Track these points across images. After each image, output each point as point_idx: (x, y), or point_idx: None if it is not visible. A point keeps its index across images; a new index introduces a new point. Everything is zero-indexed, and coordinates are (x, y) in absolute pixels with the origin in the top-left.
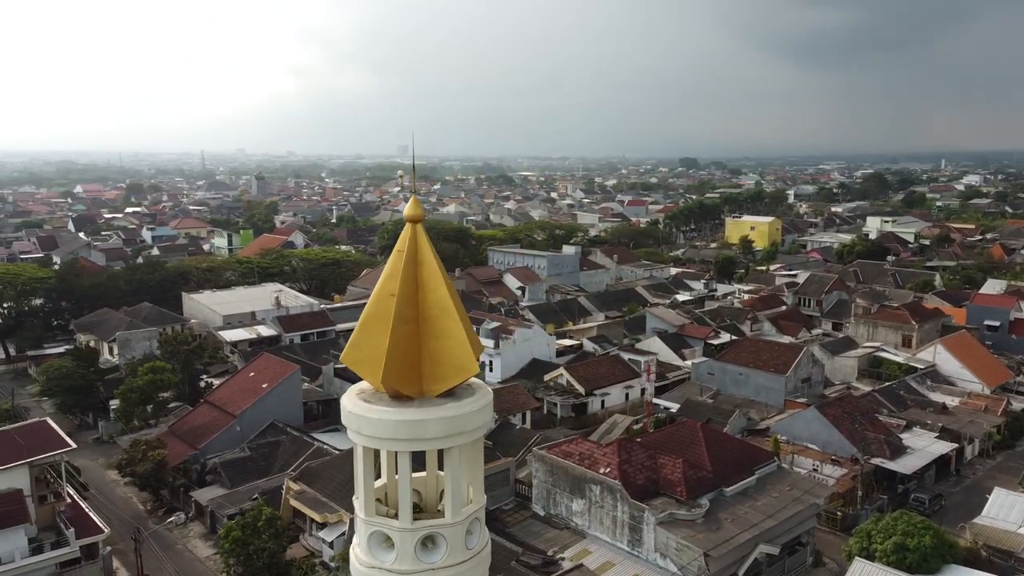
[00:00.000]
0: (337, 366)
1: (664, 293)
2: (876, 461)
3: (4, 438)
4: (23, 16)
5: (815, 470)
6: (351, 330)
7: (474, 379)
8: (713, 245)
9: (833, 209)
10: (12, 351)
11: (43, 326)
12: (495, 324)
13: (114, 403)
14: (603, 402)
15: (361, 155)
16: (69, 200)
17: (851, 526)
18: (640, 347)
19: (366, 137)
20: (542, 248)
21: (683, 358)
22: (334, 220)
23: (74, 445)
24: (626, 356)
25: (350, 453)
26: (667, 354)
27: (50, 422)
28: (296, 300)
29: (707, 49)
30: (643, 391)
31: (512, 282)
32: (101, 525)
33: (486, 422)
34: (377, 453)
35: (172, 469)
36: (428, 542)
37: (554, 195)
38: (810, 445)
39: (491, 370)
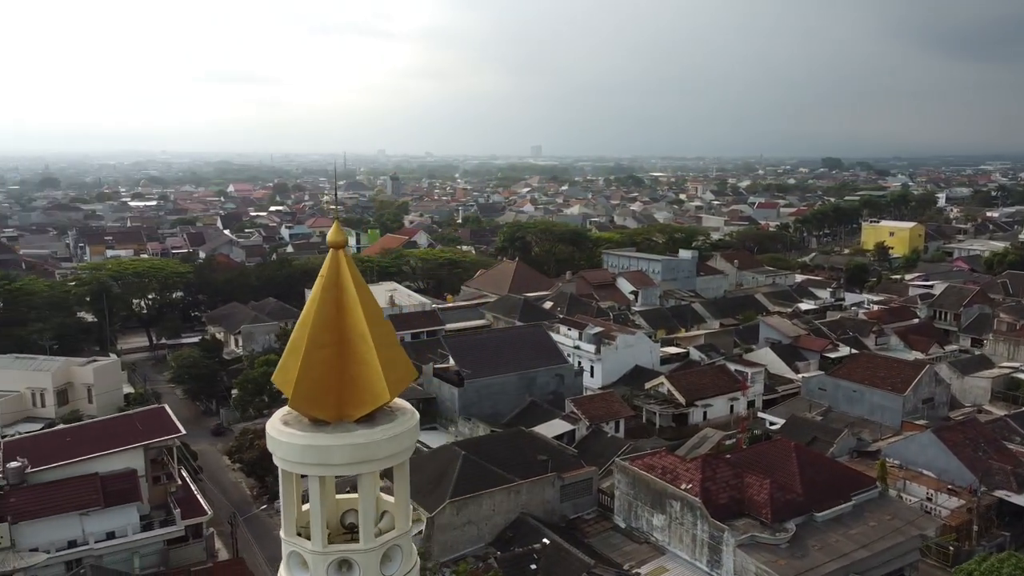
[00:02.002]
0: (436, 366)
1: (786, 301)
2: (999, 493)
3: (124, 422)
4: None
5: (928, 499)
6: (460, 331)
7: (405, 407)
8: (846, 251)
9: (988, 214)
10: (154, 339)
11: (181, 317)
12: (597, 329)
13: (235, 392)
14: (705, 414)
15: (496, 156)
16: (222, 199)
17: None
18: (750, 358)
19: (501, 138)
20: (661, 252)
21: (796, 371)
22: (459, 220)
23: (184, 431)
24: (733, 367)
25: (435, 453)
26: (779, 366)
27: (167, 408)
28: (409, 299)
29: (851, 43)
30: (751, 404)
31: (625, 286)
32: (206, 507)
33: (400, 450)
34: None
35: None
36: (344, 566)
37: (683, 197)
38: (925, 472)
39: (592, 375)
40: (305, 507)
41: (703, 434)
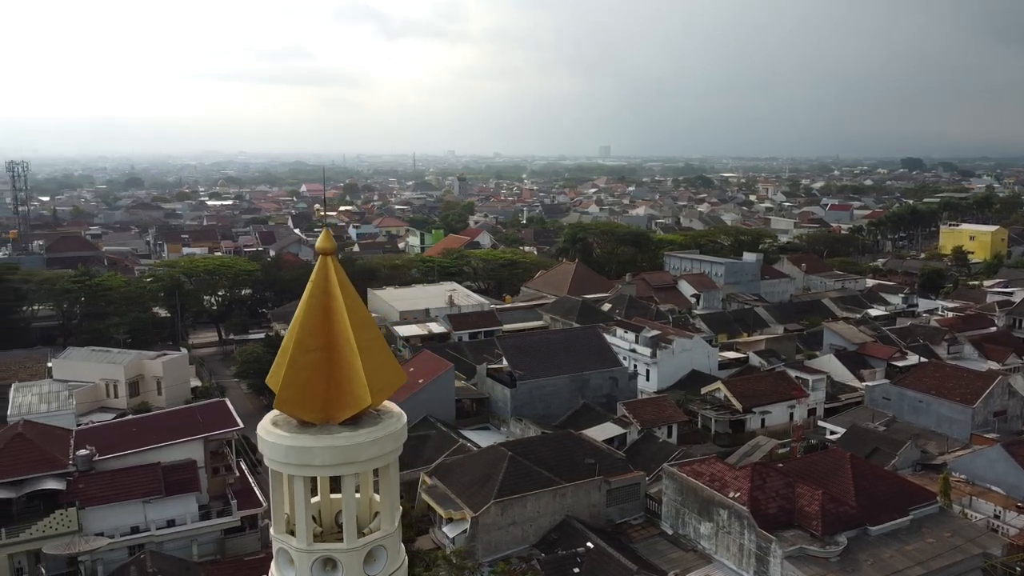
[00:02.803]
0: (490, 366)
1: (854, 307)
2: None
3: (186, 414)
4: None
5: (996, 516)
6: (518, 331)
7: (393, 411)
8: (922, 256)
9: None
10: (223, 335)
11: (249, 314)
12: (654, 332)
13: None
14: (763, 421)
15: (564, 156)
16: (294, 198)
17: None
18: (812, 364)
19: (569, 138)
20: (725, 255)
21: (860, 379)
22: (523, 221)
23: (242, 425)
24: (793, 373)
25: (483, 452)
26: (842, 374)
27: (227, 402)
28: (468, 299)
29: (931, 36)
30: (811, 412)
31: (687, 289)
32: (261, 499)
33: (383, 453)
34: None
35: None
36: (328, 564)
37: (752, 198)
38: (994, 488)
39: (647, 379)
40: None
41: (755, 442)
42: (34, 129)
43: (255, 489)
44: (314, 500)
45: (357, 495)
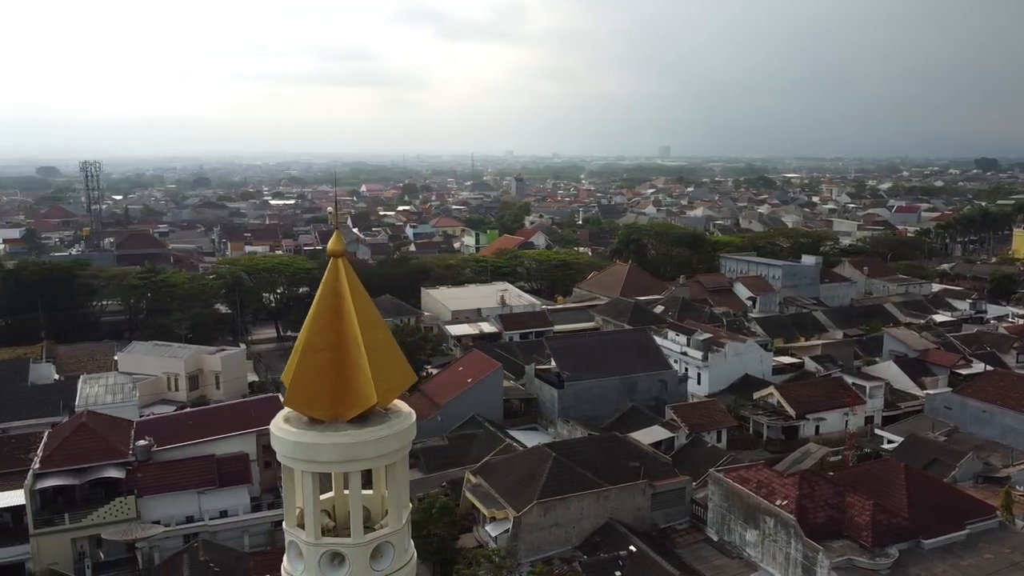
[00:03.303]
0: (538, 367)
1: (918, 312)
2: None
3: (239, 408)
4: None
5: None
6: (568, 332)
7: (402, 410)
8: (993, 260)
9: None
10: (281, 331)
11: (306, 311)
12: (706, 336)
13: None
14: (817, 428)
15: (623, 156)
16: (354, 198)
17: None
18: (871, 371)
19: (628, 138)
20: (784, 257)
21: (922, 387)
22: (579, 221)
23: None
24: (850, 379)
25: (527, 453)
26: (902, 381)
27: (280, 398)
28: (519, 299)
29: (1011, 33)
30: (868, 420)
31: (742, 291)
32: None
33: (388, 451)
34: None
35: None
36: (336, 559)
37: (815, 199)
38: None
39: (698, 383)
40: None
41: (806, 449)
42: (109, 129)
43: None
44: (329, 495)
45: (370, 492)
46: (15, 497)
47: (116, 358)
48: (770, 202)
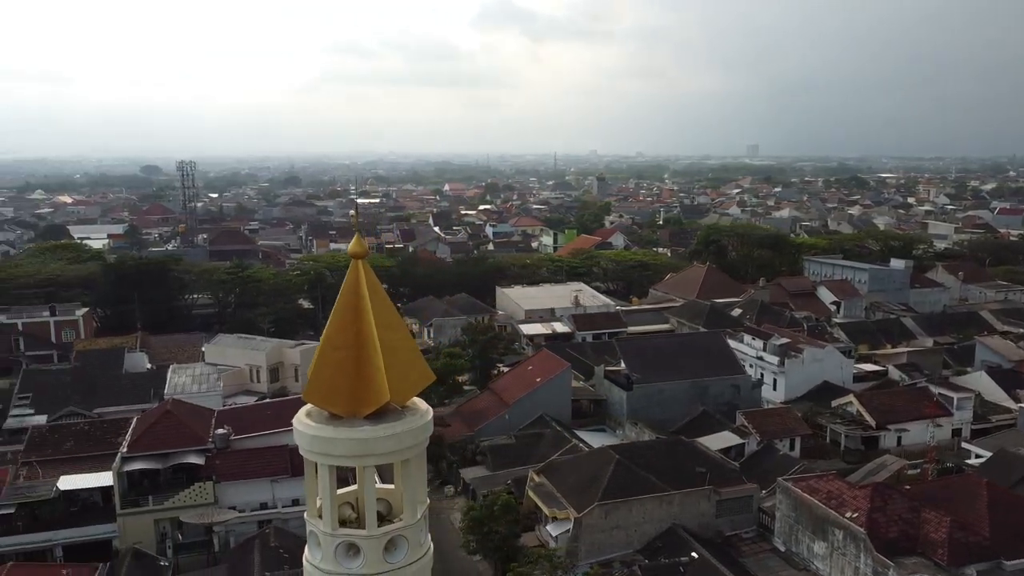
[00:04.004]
0: (608, 368)
1: (1018, 320)
2: None
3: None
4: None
5: None
6: (642, 333)
7: (419, 408)
8: None
9: None
10: None
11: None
12: (783, 340)
13: None
14: (899, 439)
15: (708, 156)
16: (437, 197)
17: None
18: (959, 381)
19: (715, 137)
20: (873, 260)
21: (1016, 400)
22: (660, 222)
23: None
24: (937, 390)
25: (590, 454)
26: (995, 393)
27: None
28: (594, 300)
29: None
30: (955, 432)
31: (826, 296)
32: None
33: (401, 448)
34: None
35: (449, 446)
36: (352, 549)
37: (911, 200)
38: None
39: (774, 389)
40: (342, 491)
41: (881, 460)
42: (208, 130)
43: None
44: (353, 488)
45: (391, 487)
46: (105, 478)
47: (203, 349)
48: (862, 203)
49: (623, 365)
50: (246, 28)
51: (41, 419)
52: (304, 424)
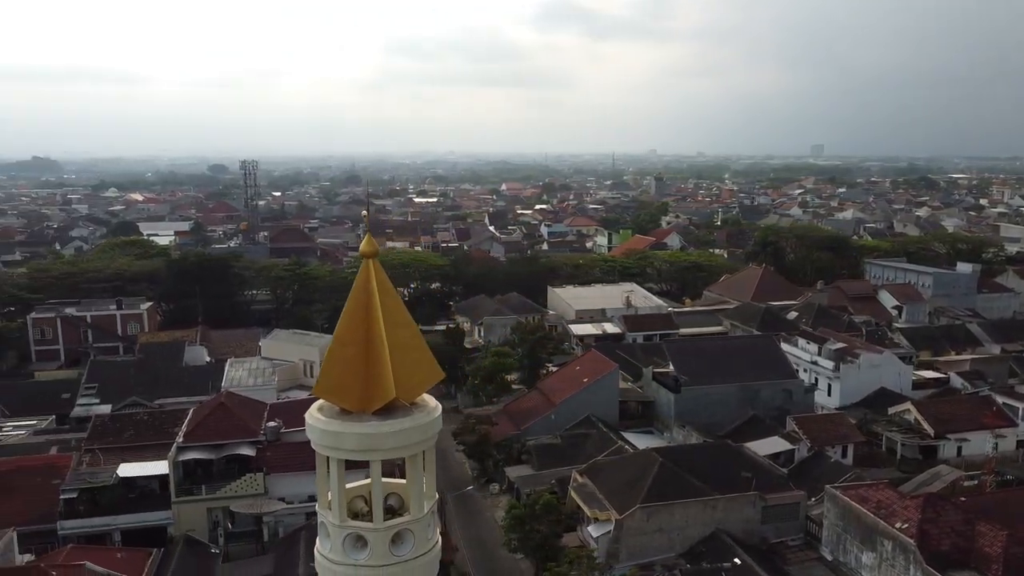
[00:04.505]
0: (656, 369)
1: None
2: None
3: None
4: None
5: None
6: (694, 335)
7: (427, 405)
8: None
9: None
10: None
11: (437, 306)
12: (838, 345)
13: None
14: (959, 449)
15: (771, 155)
16: (494, 197)
17: None
18: None
19: (778, 136)
20: (939, 264)
21: None
22: (718, 223)
23: None
24: (1000, 399)
25: (634, 456)
26: None
27: None
28: (646, 301)
29: None
30: (1021, 443)
31: (887, 300)
32: None
33: (407, 443)
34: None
35: (495, 444)
36: (360, 541)
37: (983, 202)
38: None
39: (829, 394)
40: (351, 485)
41: (936, 471)
42: (276, 130)
43: None
44: (366, 482)
45: (403, 480)
46: (161, 467)
47: (260, 344)
48: (930, 204)
49: (671, 367)
50: (314, 29)
51: (106, 408)
52: (314, 418)
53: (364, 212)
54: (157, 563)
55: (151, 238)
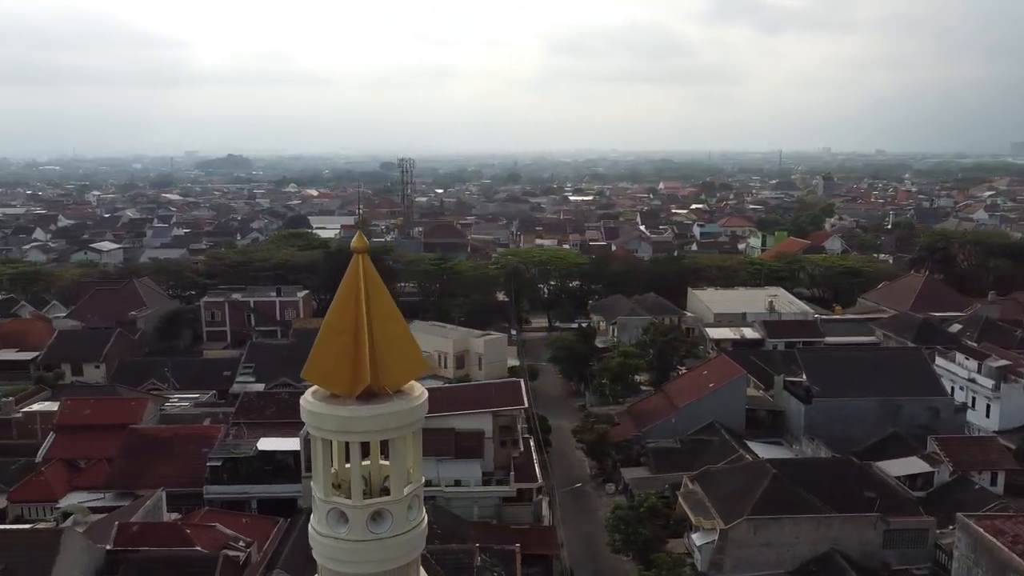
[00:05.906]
0: (788, 378)
1: None
2: None
3: (481, 389)
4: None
5: None
6: (837, 345)
7: (412, 393)
8: None
9: None
10: (551, 322)
11: (575, 304)
12: (1001, 363)
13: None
14: None
15: (963, 154)
16: (650, 195)
17: None
18: None
19: (972, 133)
20: None
21: None
22: (888, 226)
23: (526, 404)
24: None
25: (749, 466)
26: None
27: (521, 383)
28: (790, 306)
29: None
30: None
31: None
32: (538, 475)
33: (385, 428)
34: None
35: (614, 444)
36: (342, 517)
37: None
38: None
39: (987, 416)
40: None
41: None
42: (444, 129)
43: (534, 465)
44: (366, 463)
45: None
46: (293, 443)
47: None
48: None
49: (804, 376)
50: (485, 27)
51: (259, 387)
52: (306, 400)
53: (358, 210)
54: (283, 531)
55: (317, 231)
